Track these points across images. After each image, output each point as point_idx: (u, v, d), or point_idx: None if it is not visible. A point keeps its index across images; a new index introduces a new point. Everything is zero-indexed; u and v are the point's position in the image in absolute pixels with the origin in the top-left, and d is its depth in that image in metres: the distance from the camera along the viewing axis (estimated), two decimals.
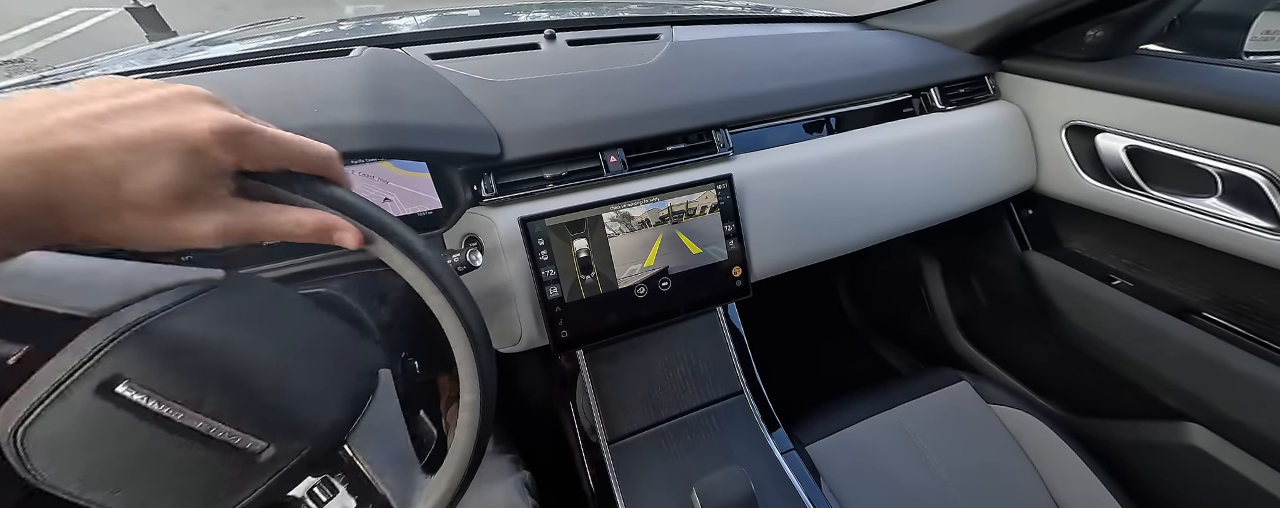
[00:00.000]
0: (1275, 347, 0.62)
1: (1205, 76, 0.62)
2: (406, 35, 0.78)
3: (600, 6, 1.09)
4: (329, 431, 0.33)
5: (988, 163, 0.78)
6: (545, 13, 1.02)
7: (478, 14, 1.00)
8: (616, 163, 0.59)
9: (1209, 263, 0.67)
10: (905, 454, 0.71)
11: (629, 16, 0.94)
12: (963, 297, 1.07)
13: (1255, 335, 0.64)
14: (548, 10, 1.06)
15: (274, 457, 0.31)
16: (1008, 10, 0.70)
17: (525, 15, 0.98)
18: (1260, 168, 0.57)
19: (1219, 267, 0.66)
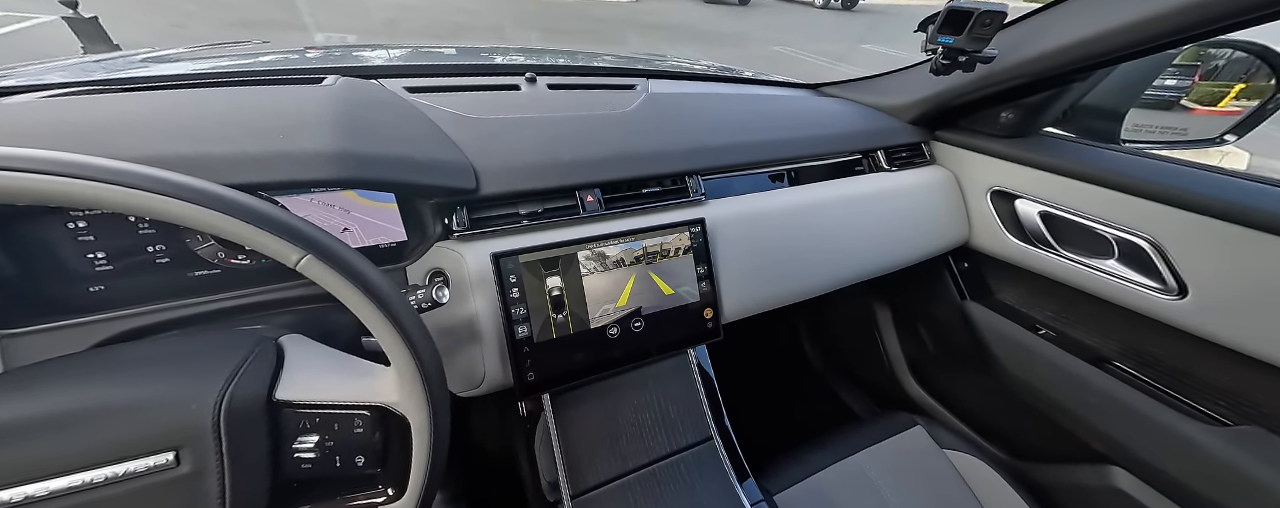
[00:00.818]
0: (1177, 396, 0.69)
1: (1097, 158, 0.74)
2: (383, 68, 0.78)
3: (578, 55, 1.15)
4: (225, 395, 0.31)
5: (927, 219, 0.86)
6: (525, 57, 1.06)
7: (454, 53, 1.02)
8: (593, 202, 0.59)
9: (1115, 317, 0.76)
10: (868, 501, 0.71)
11: (607, 67, 0.99)
12: (913, 343, 1.13)
13: (1159, 385, 0.72)
14: (527, 55, 1.10)
15: (197, 456, 0.28)
16: (936, 91, 0.81)
17: (504, 58, 1.02)
18: (1146, 236, 0.67)
19: (1123, 321, 0.74)
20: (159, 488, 0.28)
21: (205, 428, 0.29)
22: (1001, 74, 0.70)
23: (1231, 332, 0.61)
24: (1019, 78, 0.69)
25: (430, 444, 0.33)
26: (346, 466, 0.34)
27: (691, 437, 0.63)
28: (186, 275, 0.47)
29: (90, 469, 0.27)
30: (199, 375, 0.31)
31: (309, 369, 0.35)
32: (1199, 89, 0.95)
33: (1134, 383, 0.72)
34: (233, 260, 0.49)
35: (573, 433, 0.57)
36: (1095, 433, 0.77)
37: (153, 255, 0.45)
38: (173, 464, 0.28)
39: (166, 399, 0.29)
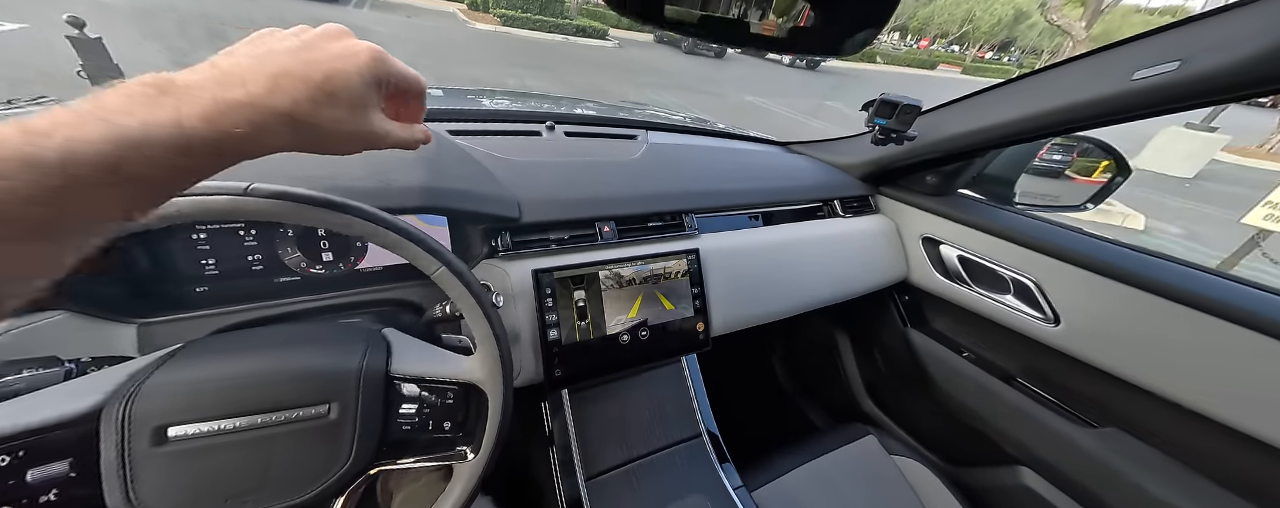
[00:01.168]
0: (1061, 404, 0.87)
1: (994, 215, 0.95)
2: (430, 112, 0.91)
3: (586, 105, 1.32)
4: (364, 367, 0.41)
5: (874, 258, 1.04)
6: (543, 105, 1.22)
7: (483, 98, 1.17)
8: (609, 232, 0.73)
9: (1016, 342, 0.94)
10: (829, 498, 0.83)
11: (613, 118, 1.16)
12: (868, 365, 1.30)
13: (1049, 396, 0.89)
14: (544, 102, 1.27)
15: (342, 408, 0.38)
16: (876, 157, 1.03)
17: (525, 105, 1.17)
18: (1030, 277, 0.87)
19: (1021, 345, 0.93)
20: (315, 429, 0.38)
21: (350, 389, 0.39)
22: (922, 149, 0.91)
23: (1092, 352, 0.80)
24: (934, 152, 0.90)
25: (501, 413, 0.44)
26: (436, 429, 0.44)
27: (684, 433, 0.74)
28: (273, 281, 0.56)
29: (278, 411, 0.36)
30: (344, 352, 0.41)
31: (412, 353, 0.45)
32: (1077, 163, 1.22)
33: (1032, 395, 0.90)
34: (312, 270, 0.58)
35: (587, 426, 0.67)
36: (1008, 439, 0.93)
37: (250, 264, 0.54)
38: (325, 413, 0.38)
39: (326, 367, 0.39)
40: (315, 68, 0.25)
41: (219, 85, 0.22)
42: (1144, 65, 0.58)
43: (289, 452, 0.37)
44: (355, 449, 0.39)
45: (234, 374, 0.37)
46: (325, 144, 0.27)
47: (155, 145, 0.20)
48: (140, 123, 0.19)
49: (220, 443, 0.35)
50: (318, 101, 0.25)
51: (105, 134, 0.18)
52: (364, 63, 0.27)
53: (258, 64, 0.24)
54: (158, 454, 0.34)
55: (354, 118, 0.27)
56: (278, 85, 0.24)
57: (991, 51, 48.85)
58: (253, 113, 0.23)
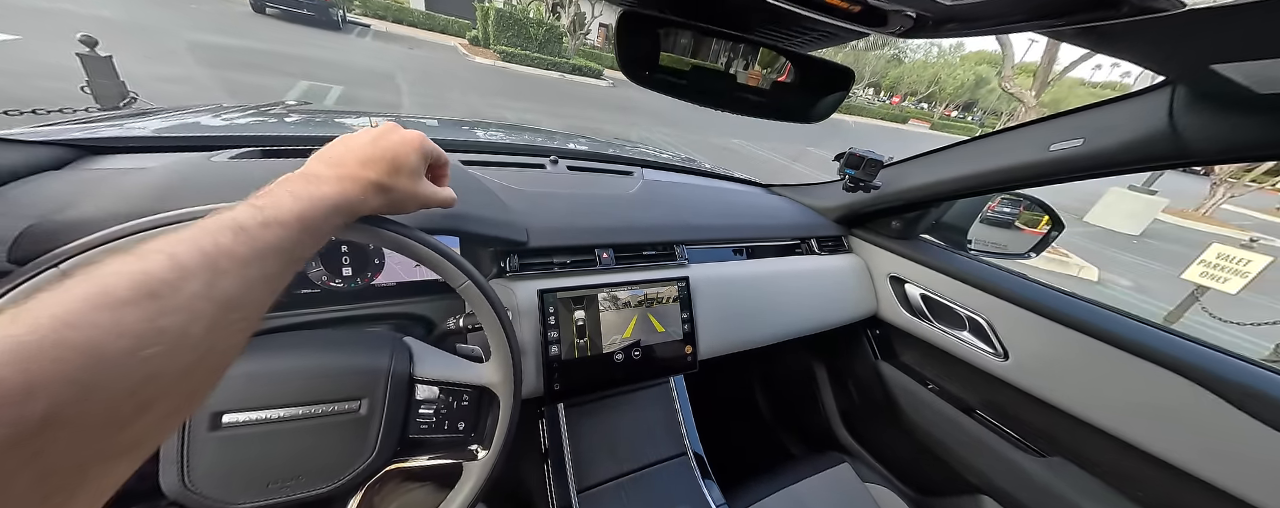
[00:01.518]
0: (1013, 434, 0.94)
1: (952, 260, 1.06)
2: (446, 143, 0.99)
3: (586, 141, 1.43)
4: (391, 368, 0.46)
5: (846, 294, 1.13)
6: (546, 139, 1.32)
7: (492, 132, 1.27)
8: (608, 258, 0.80)
9: (973, 375, 1.03)
10: None
11: (611, 155, 1.26)
12: (843, 395, 1.36)
13: (1003, 426, 0.97)
14: (547, 138, 1.37)
15: (372, 405, 0.43)
16: (847, 202, 1.14)
17: (530, 139, 1.27)
18: (982, 316, 0.97)
19: (978, 377, 1.02)
20: (346, 423, 0.42)
21: (380, 387, 0.43)
22: (886, 197, 1.03)
23: (1038, 385, 0.89)
24: (897, 201, 1.02)
25: (511, 415, 0.48)
26: (451, 430, 0.48)
27: (671, 450, 0.78)
28: (295, 292, 0.61)
29: (313, 405, 0.41)
30: (375, 353, 0.46)
31: (432, 359, 0.50)
32: (1023, 215, 1.37)
33: (989, 426, 0.97)
34: (332, 283, 0.63)
35: (581, 440, 0.71)
36: (970, 468, 0.99)
37: None
38: (357, 409, 0.42)
39: (360, 366, 0.44)
40: (387, 151, 0.38)
41: (334, 170, 0.35)
42: (1058, 140, 0.70)
43: (323, 443, 0.41)
44: (379, 444, 0.43)
45: (281, 369, 0.42)
46: (399, 204, 0.39)
47: (317, 210, 0.32)
48: (309, 196, 0.32)
49: (266, 431, 0.39)
50: (392, 173, 0.38)
51: (293, 206, 0.31)
52: (416, 144, 0.40)
53: (353, 154, 0.37)
54: (212, 439, 0.37)
55: (413, 183, 0.40)
56: (369, 165, 0.37)
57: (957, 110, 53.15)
58: (358, 185, 0.35)
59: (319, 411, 0.41)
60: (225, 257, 0.26)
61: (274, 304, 0.61)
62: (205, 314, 0.24)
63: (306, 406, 0.40)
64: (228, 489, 0.37)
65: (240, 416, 0.38)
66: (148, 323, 0.21)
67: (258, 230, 0.28)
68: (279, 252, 0.29)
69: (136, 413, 0.21)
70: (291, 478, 0.39)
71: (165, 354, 0.22)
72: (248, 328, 0.28)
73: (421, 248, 0.43)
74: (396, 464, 0.46)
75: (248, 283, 0.26)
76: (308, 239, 0.31)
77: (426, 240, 0.44)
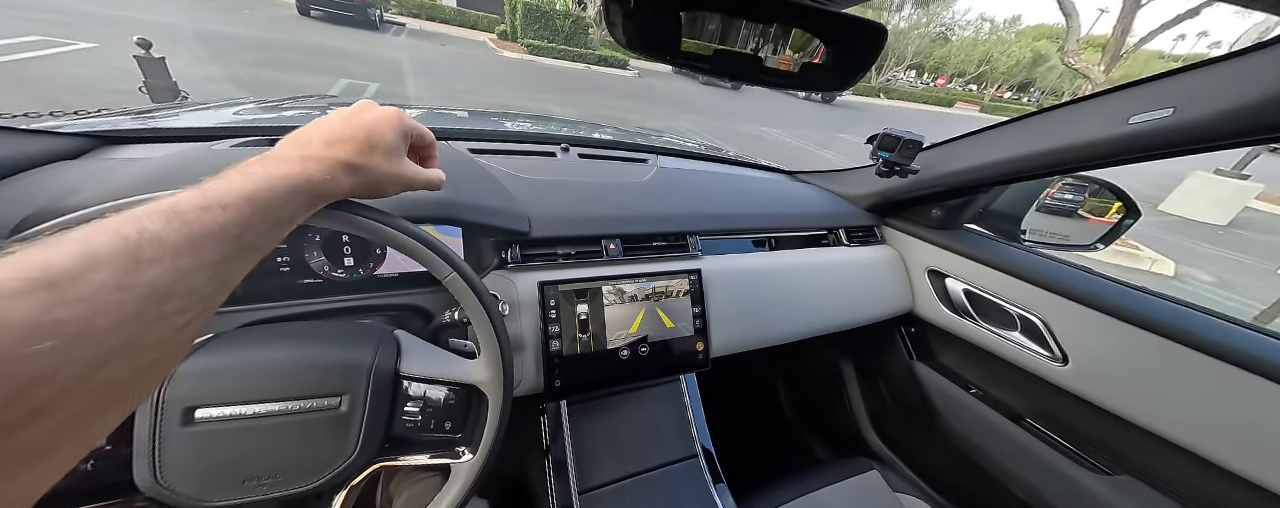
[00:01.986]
0: (1070, 447, 0.84)
1: (1003, 252, 0.95)
2: (452, 131, 0.98)
3: (600, 129, 1.39)
4: (375, 363, 0.44)
5: (878, 288, 1.05)
6: (558, 128, 1.28)
7: (502, 120, 1.24)
8: (615, 249, 0.76)
9: (1024, 381, 0.92)
10: None
11: (626, 142, 1.22)
12: (872, 397, 1.27)
13: (1058, 438, 0.87)
14: (558, 126, 1.33)
15: (352, 402, 0.41)
16: (881, 189, 1.05)
17: (542, 128, 1.24)
18: (1037, 315, 0.87)
19: (1029, 383, 0.91)
20: (325, 420, 0.40)
21: (361, 383, 0.41)
22: (926, 182, 0.93)
23: (1103, 395, 0.78)
24: (937, 186, 0.92)
25: (500, 415, 0.45)
26: (437, 429, 0.46)
27: (680, 453, 0.74)
28: (298, 282, 0.60)
29: (294, 400, 0.39)
30: (357, 347, 0.44)
31: (420, 354, 0.48)
32: (1089, 203, 1.22)
33: (1040, 436, 0.87)
34: (334, 273, 0.62)
35: (583, 439, 0.68)
36: (1016, 481, 0.90)
37: (279, 265, 0.59)
38: (337, 405, 0.40)
39: (340, 360, 0.42)
40: (359, 128, 0.35)
41: (298, 150, 0.33)
42: (1141, 111, 0.59)
43: (301, 440, 0.39)
44: (361, 443, 0.41)
45: (255, 362, 0.40)
46: (377, 186, 0.37)
47: (273, 191, 0.29)
48: (264, 175, 0.30)
49: (241, 427, 0.38)
50: (365, 152, 0.35)
51: (243, 186, 0.28)
52: (392, 119, 0.37)
53: (320, 133, 0.35)
54: (185, 434, 0.36)
55: (390, 162, 0.37)
56: (336, 144, 0.34)
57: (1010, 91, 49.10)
58: (323, 164, 0.33)
59: (297, 407, 0.39)
60: (151, 244, 0.23)
61: (278, 292, 0.63)
62: (116, 306, 0.21)
63: (284, 401, 0.39)
64: (201, 487, 0.37)
65: (214, 411, 0.37)
66: (38, 315, 0.19)
67: (195, 214, 0.25)
68: (220, 237, 0.26)
69: (27, 419, 0.19)
70: (268, 477, 0.38)
71: (60, 350, 0.19)
72: (190, 322, 0.25)
73: (400, 235, 0.40)
74: (382, 464, 0.44)
75: (181, 272, 0.24)
76: (261, 223, 0.28)
77: (406, 228, 0.41)
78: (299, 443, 0.39)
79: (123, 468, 0.36)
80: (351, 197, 0.36)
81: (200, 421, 0.37)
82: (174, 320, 0.24)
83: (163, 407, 0.37)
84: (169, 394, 0.37)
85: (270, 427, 0.38)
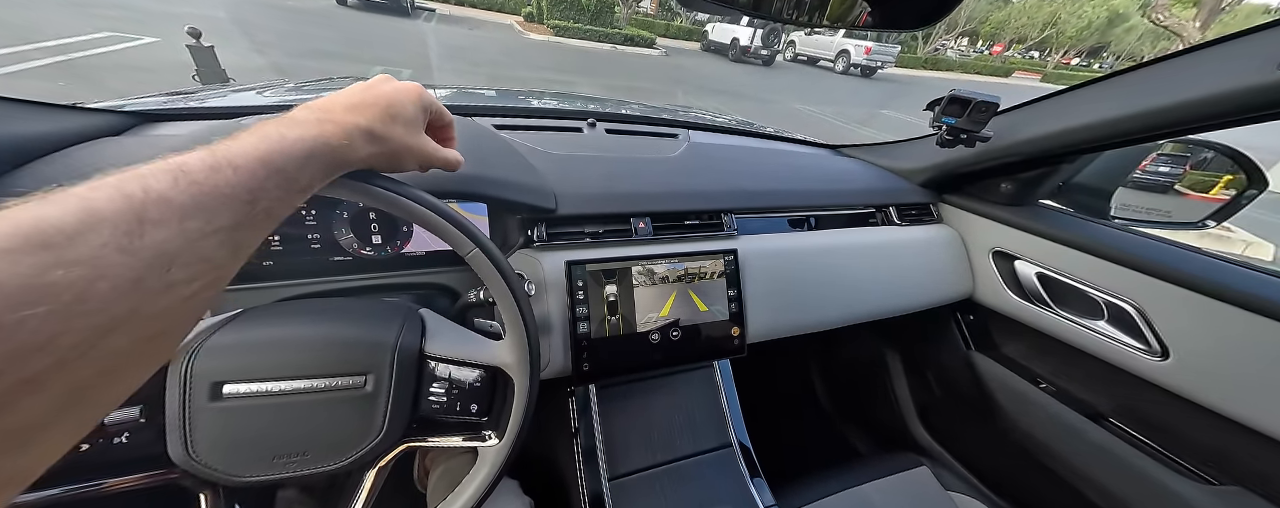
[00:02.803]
0: (1165, 452, 0.74)
1: (1089, 230, 0.83)
2: (477, 107, 0.94)
3: (627, 105, 1.32)
4: (399, 342, 0.42)
5: (933, 272, 0.95)
6: (584, 104, 1.23)
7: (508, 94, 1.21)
8: (644, 228, 0.71)
9: (1108, 374, 0.82)
10: None
11: (654, 117, 1.15)
12: (921, 388, 1.18)
13: (1149, 441, 0.76)
14: (584, 102, 1.28)
15: (377, 381, 0.40)
16: (942, 160, 0.94)
17: (568, 104, 1.19)
18: (1131, 302, 0.75)
19: (1115, 378, 0.80)
20: (351, 399, 0.39)
21: (385, 363, 0.40)
22: (997, 151, 0.82)
23: (1210, 394, 0.67)
24: (1013, 156, 0.81)
25: (527, 400, 0.43)
26: (464, 411, 0.44)
27: (714, 442, 0.70)
28: (329, 259, 0.59)
29: (315, 378, 0.38)
30: (382, 327, 0.42)
31: (446, 335, 0.46)
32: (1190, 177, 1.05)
33: (1126, 438, 0.77)
34: (363, 251, 0.61)
35: (613, 425, 0.65)
36: (1091, 484, 0.80)
37: (309, 242, 0.58)
38: (362, 385, 0.39)
39: (364, 338, 0.41)
40: (380, 97, 0.34)
41: (315, 114, 0.31)
42: None
43: (329, 419, 0.38)
44: (387, 423, 0.40)
45: (281, 338, 0.39)
46: (395, 158, 0.35)
47: (289, 154, 0.28)
48: (279, 136, 0.28)
49: (269, 404, 0.37)
50: (385, 121, 0.34)
51: (256, 147, 0.27)
52: (413, 92, 0.37)
53: (339, 100, 0.33)
54: (214, 409, 0.36)
55: (409, 134, 0.36)
56: (357, 110, 0.33)
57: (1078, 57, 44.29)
58: (341, 128, 0.31)
59: (322, 385, 0.38)
60: (157, 203, 0.21)
61: (309, 269, 0.63)
62: (118, 270, 0.19)
63: (309, 379, 0.38)
64: (232, 462, 0.36)
65: (241, 386, 0.37)
66: (31, 277, 0.17)
67: (204, 174, 0.23)
68: (232, 200, 0.24)
69: (19, 390, 0.17)
70: (298, 454, 0.38)
71: (55, 316, 0.17)
72: (198, 293, 0.23)
73: (420, 208, 0.37)
74: (410, 444, 0.43)
75: (188, 236, 0.22)
76: (275, 189, 0.26)
77: (427, 200, 0.38)
78: (326, 422, 0.38)
79: (157, 440, 0.36)
80: (369, 167, 0.34)
81: (228, 396, 0.37)
82: (180, 290, 0.22)
83: (190, 380, 0.36)
84: (196, 368, 0.37)
85: (296, 404, 0.38)
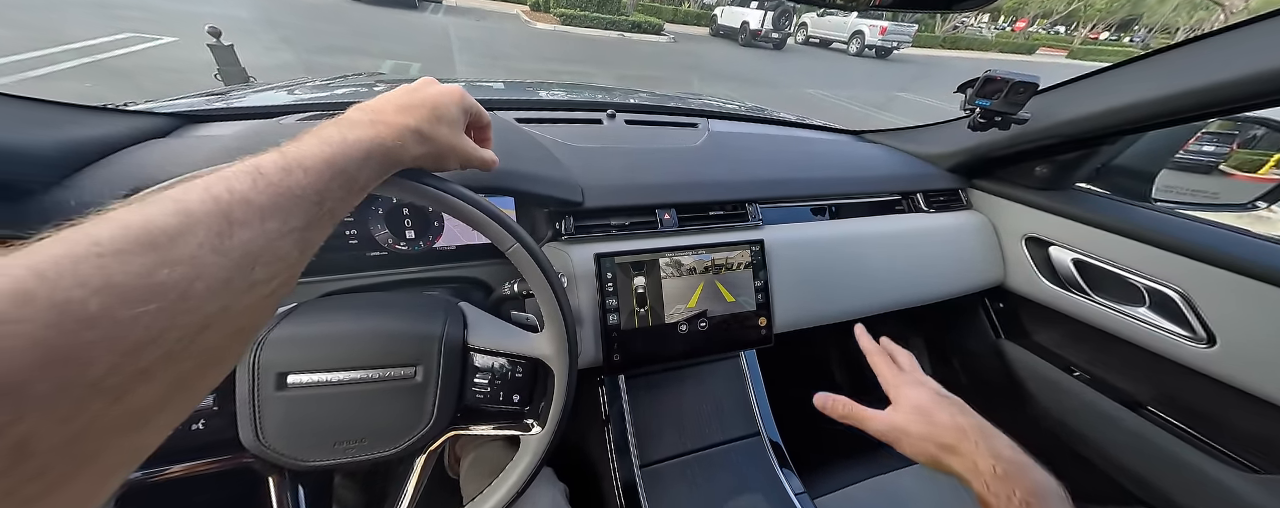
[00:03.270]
0: (1208, 441, 0.72)
1: (1130, 214, 0.80)
2: (498, 102, 0.94)
3: (644, 95, 1.30)
4: (445, 334, 0.44)
5: (963, 259, 0.93)
6: (602, 95, 1.22)
7: (546, 89, 1.20)
8: (670, 220, 0.71)
9: (1148, 362, 0.79)
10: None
11: (672, 107, 1.13)
12: (948, 377, 1.17)
13: (1191, 429, 0.74)
14: (602, 93, 1.27)
15: (426, 372, 0.42)
16: (973, 144, 0.91)
17: (586, 96, 1.18)
18: (1175, 287, 0.73)
19: (1155, 366, 0.78)
20: (403, 389, 0.41)
21: (433, 353, 0.41)
22: (1034, 134, 0.79)
23: (1260, 381, 0.65)
24: (1051, 138, 0.78)
25: (567, 390, 0.43)
26: (506, 400, 0.45)
27: (741, 430, 0.70)
28: (366, 254, 0.61)
29: (369, 369, 0.40)
30: (427, 320, 0.44)
31: (487, 327, 0.47)
32: (1237, 156, 1.00)
33: (1166, 426, 0.75)
34: (398, 246, 0.62)
35: (642, 414, 0.66)
36: (1126, 472, 0.79)
37: (348, 238, 0.59)
38: (412, 375, 0.41)
39: (413, 330, 0.43)
40: (427, 99, 0.36)
41: (370, 116, 0.32)
42: None
43: (383, 408, 0.40)
44: (436, 412, 0.41)
45: (336, 332, 0.42)
46: (440, 158, 0.36)
47: (349, 155, 0.29)
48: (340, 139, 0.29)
49: (329, 393, 0.39)
50: (432, 121, 0.35)
51: (321, 150, 0.28)
52: (456, 95, 0.38)
53: (390, 101, 0.35)
54: (280, 398, 0.38)
55: (453, 134, 0.37)
56: (407, 111, 0.34)
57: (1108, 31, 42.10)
58: (393, 129, 0.32)
59: (376, 376, 0.40)
60: (241, 205, 0.23)
61: (349, 265, 0.64)
62: (212, 269, 0.21)
63: (364, 370, 0.40)
64: (298, 447, 0.39)
65: (303, 377, 0.39)
66: (142, 278, 0.18)
67: (278, 176, 0.25)
68: (304, 200, 0.25)
69: (134, 381, 0.18)
70: (357, 440, 0.40)
71: (164, 313, 0.19)
72: (277, 290, 0.24)
73: (465, 206, 0.38)
74: (455, 432, 0.44)
75: (268, 236, 0.23)
76: (338, 188, 0.28)
77: (471, 198, 0.39)
78: (381, 410, 0.40)
79: (229, 426, 0.39)
80: (418, 166, 0.35)
81: (292, 386, 0.39)
82: (261, 288, 0.23)
83: (258, 371, 0.38)
84: (263, 359, 0.39)
85: (353, 394, 0.40)
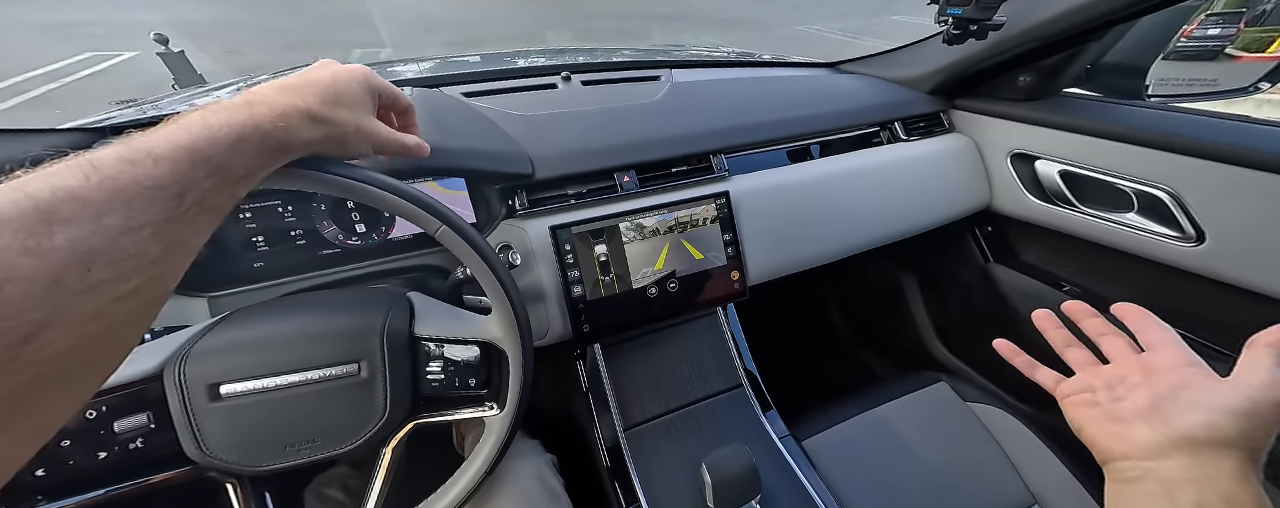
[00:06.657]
0: (1197, 339, 0.71)
1: (1117, 115, 0.75)
2: (443, 77, 0.90)
3: (606, 52, 1.23)
4: (386, 328, 0.43)
5: (947, 186, 0.89)
6: (557, 58, 1.15)
7: (496, 59, 1.14)
8: (629, 182, 0.68)
9: (1136, 268, 0.77)
10: (891, 448, 0.77)
11: (633, 61, 1.07)
12: (938, 307, 1.16)
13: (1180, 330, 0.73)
14: (558, 56, 1.20)
15: (371, 367, 0.41)
16: (951, 61, 0.84)
17: (540, 60, 1.12)
18: (1165, 187, 0.69)
19: (1143, 271, 0.76)
20: (348, 386, 0.41)
21: (375, 349, 0.41)
22: (1013, 40, 0.73)
23: (1249, 273, 0.63)
24: (1031, 42, 0.72)
25: (522, 370, 0.44)
26: (463, 386, 0.46)
27: (724, 384, 0.72)
28: (317, 253, 0.60)
29: (310, 371, 0.40)
30: (368, 315, 0.43)
31: (434, 315, 0.47)
32: (1245, 36, 0.92)
33: None
34: (349, 241, 0.61)
35: (622, 379, 0.67)
36: None
37: (294, 238, 0.58)
38: (356, 372, 0.41)
39: (349, 328, 0.42)
40: (320, 79, 0.33)
41: (246, 98, 0.30)
42: None
43: (332, 407, 0.40)
44: (390, 405, 0.42)
45: (269, 336, 0.41)
46: (343, 142, 0.34)
47: (216, 140, 0.26)
48: (204, 124, 0.26)
49: (269, 399, 0.39)
50: (326, 102, 0.32)
51: (177, 137, 0.25)
52: (359, 73, 0.36)
53: (274, 83, 0.32)
54: (216, 409, 0.38)
55: (356, 116, 0.35)
56: (291, 91, 0.31)
57: None
58: (272, 109, 0.29)
59: (317, 376, 0.40)
60: (67, 202, 0.21)
61: (300, 266, 0.63)
62: (25, 272, 0.19)
63: (303, 372, 0.40)
64: (245, 454, 0.39)
65: (238, 385, 0.39)
66: None
67: (119, 168, 0.22)
68: (156, 192, 0.23)
69: None
70: (308, 441, 0.40)
71: None
72: (136, 290, 0.22)
73: (377, 191, 0.36)
74: (419, 421, 0.45)
75: (109, 233, 0.21)
76: (205, 177, 0.25)
77: (383, 181, 0.37)
78: (329, 409, 0.40)
79: (172, 442, 0.39)
80: (315, 152, 0.33)
81: (227, 396, 0.39)
82: (110, 289, 0.21)
83: (186, 384, 0.38)
84: (190, 372, 0.39)
85: (296, 396, 0.40)
